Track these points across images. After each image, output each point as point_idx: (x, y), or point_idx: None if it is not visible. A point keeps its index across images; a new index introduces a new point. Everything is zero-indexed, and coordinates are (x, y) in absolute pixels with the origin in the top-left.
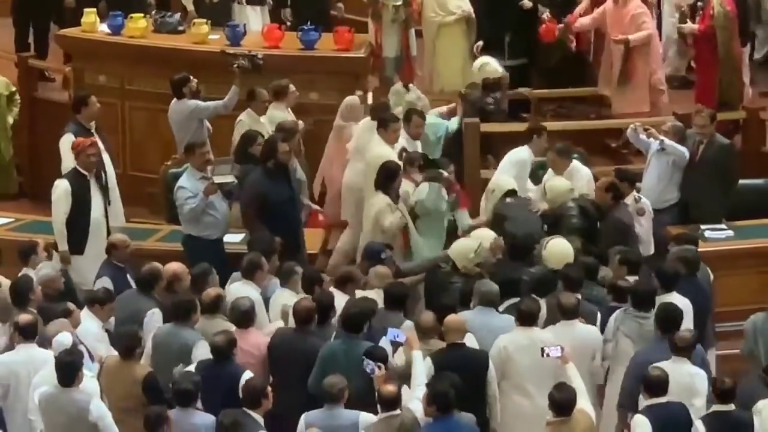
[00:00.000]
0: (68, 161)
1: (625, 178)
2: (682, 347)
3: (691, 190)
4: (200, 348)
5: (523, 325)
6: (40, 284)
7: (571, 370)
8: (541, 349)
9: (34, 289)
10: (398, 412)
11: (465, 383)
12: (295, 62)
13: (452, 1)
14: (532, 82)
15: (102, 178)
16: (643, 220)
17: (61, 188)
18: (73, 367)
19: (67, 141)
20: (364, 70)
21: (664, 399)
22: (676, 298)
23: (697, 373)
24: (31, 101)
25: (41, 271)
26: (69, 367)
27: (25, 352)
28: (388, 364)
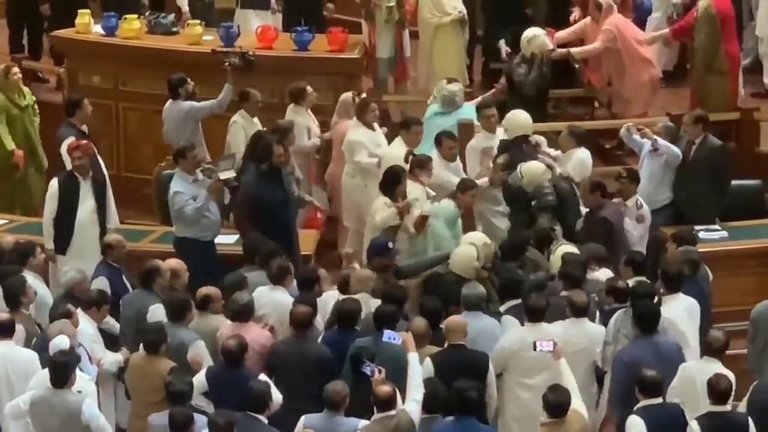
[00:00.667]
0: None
1: (636, 179)
2: (717, 348)
3: (684, 190)
4: (196, 348)
5: (531, 321)
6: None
7: (563, 366)
8: (533, 344)
9: (26, 291)
10: (394, 413)
11: None
12: (289, 63)
13: (448, 1)
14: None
15: (97, 180)
16: (640, 226)
17: (52, 188)
18: (66, 367)
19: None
20: (357, 70)
21: (659, 400)
22: (682, 300)
23: (729, 374)
24: None
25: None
26: (63, 368)
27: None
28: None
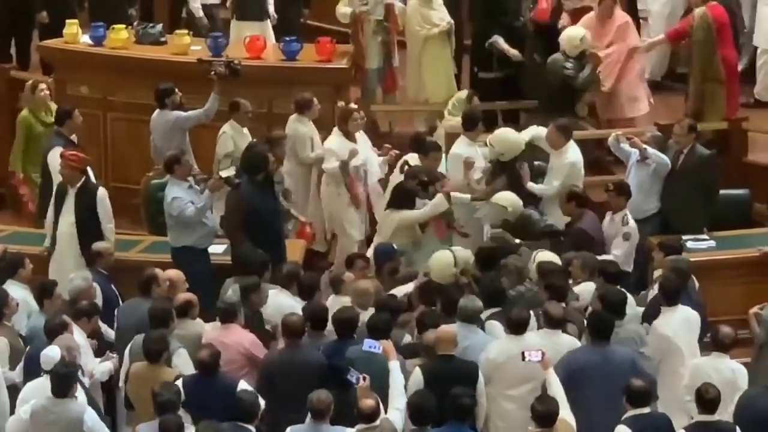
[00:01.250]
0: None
1: (624, 192)
2: (727, 344)
3: (671, 200)
4: (180, 356)
5: (513, 334)
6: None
7: (551, 376)
8: (522, 354)
9: (9, 303)
10: (377, 424)
11: None
12: (277, 73)
13: (435, 13)
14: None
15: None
16: (626, 244)
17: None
18: (69, 378)
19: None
20: (346, 80)
21: (646, 410)
22: (681, 311)
23: (738, 368)
24: (13, 112)
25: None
26: (65, 379)
27: None
28: None
